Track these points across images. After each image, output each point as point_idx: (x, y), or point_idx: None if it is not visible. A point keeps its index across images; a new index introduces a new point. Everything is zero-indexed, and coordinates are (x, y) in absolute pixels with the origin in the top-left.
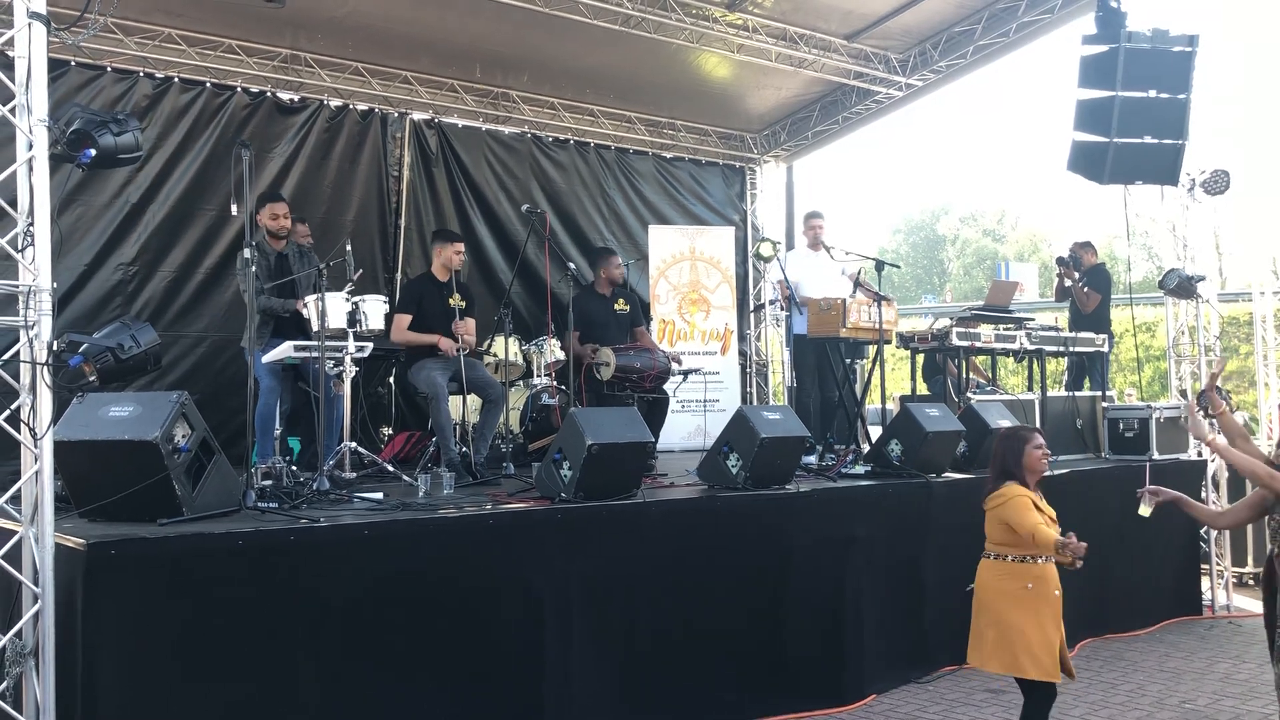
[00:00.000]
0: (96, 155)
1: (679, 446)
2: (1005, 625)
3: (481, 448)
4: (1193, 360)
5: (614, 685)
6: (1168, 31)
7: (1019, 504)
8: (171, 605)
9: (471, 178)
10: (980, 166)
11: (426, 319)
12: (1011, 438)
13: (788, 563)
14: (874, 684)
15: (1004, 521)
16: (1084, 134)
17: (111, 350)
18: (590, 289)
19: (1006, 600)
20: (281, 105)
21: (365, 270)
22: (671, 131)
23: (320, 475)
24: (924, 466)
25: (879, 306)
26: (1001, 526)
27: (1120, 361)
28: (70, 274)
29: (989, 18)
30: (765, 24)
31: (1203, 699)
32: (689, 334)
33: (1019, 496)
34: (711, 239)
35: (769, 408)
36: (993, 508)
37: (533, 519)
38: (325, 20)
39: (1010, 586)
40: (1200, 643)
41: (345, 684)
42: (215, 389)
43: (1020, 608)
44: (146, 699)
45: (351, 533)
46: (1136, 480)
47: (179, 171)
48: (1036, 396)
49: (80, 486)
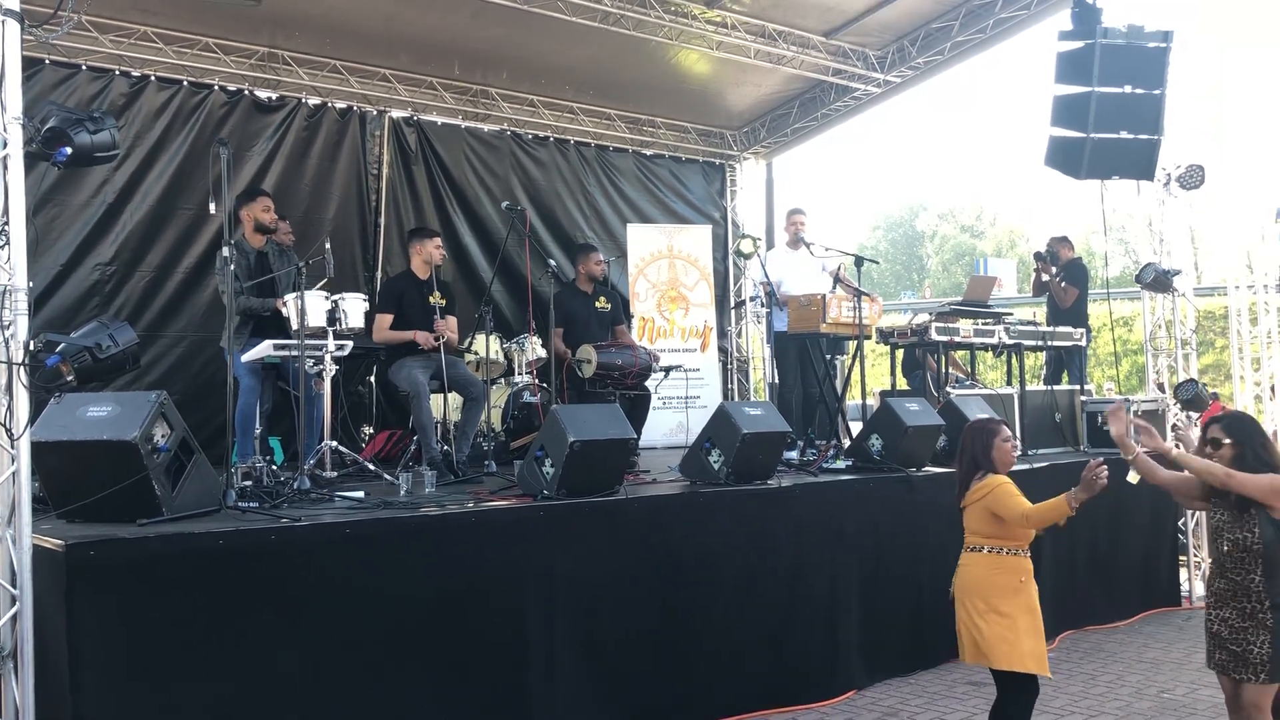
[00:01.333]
0: (72, 153)
1: (661, 443)
2: (1003, 619)
3: (463, 446)
4: (1169, 354)
5: (597, 680)
6: (1143, 27)
7: (1005, 490)
8: (152, 605)
9: (451, 176)
10: (958, 163)
11: (407, 317)
12: (979, 431)
13: (769, 558)
14: (856, 678)
15: (992, 512)
16: (1061, 129)
17: (89, 350)
18: (572, 286)
19: (1001, 594)
20: (259, 104)
21: (345, 268)
22: (651, 128)
23: (301, 474)
24: (904, 461)
25: (859, 302)
26: (987, 517)
27: (1098, 356)
28: (47, 274)
29: (966, 14)
30: (744, 21)
31: (1180, 689)
32: (669, 331)
33: (1004, 484)
34: (689, 237)
35: (750, 404)
36: (976, 500)
37: (515, 516)
38: (303, 18)
39: (1004, 580)
40: (1178, 633)
41: (327, 683)
42: (195, 389)
43: (1015, 601)
44: (128, 700)
45: (333, 532)
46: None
47: (156, 170)
48: (1015, 391)
49: (58, 487)
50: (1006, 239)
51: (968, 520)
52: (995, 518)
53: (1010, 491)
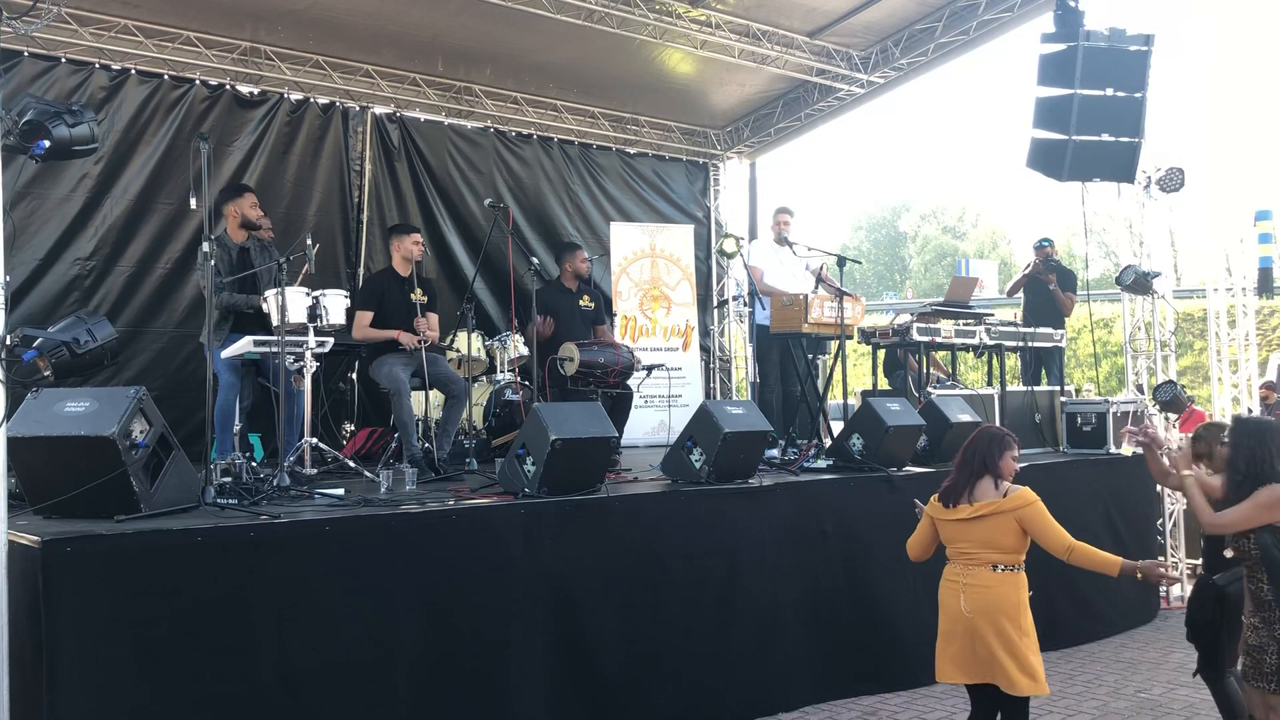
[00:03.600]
0: (50, 147)
1: (643, 442)
2: (1033, 642)
3: (444, 443)
4: (1148, 355)
5: (579, 680)
6: (1125, 31)
7: (1043, 511)
8: (130, 603)
9: (434, 172)
10: (941, 164)
11: (388, 315)
12: (995, 439)
13: (750, 556)
14: (836, 678)
15: (1030, 528)
16: (1043, 131)
17: (67, 345)
18: (557, 283)
19: (1026, 614)
20: (241, 98)
21: (327, 265)
22: (635, 127)
23: (281, 471)
24: (885, 460)
25: (841, 302)
26: (1017, 533)
27: (1079, 357)
28: (25, 268)
29: (950, 15)
30: (728, 20)
31: (1157, 688)
32: (650, 330)
33: (1038, 502)
34: (671, 236)
35: (732, 402)
36: (997, 513)
37: (496, 514)
38: (285, 12)
39: (1024, 598)
40: (1155, 633)
41: (307, 681)
42: (175, 385)
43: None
44: (105, 697)
45: (312, 529)
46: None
47: (137, 165)
48: (996, 391)
49: (35, 483)
50: (988, 240)
51: (986, 534)
52: (1024, 534)
53: (1048, 513)
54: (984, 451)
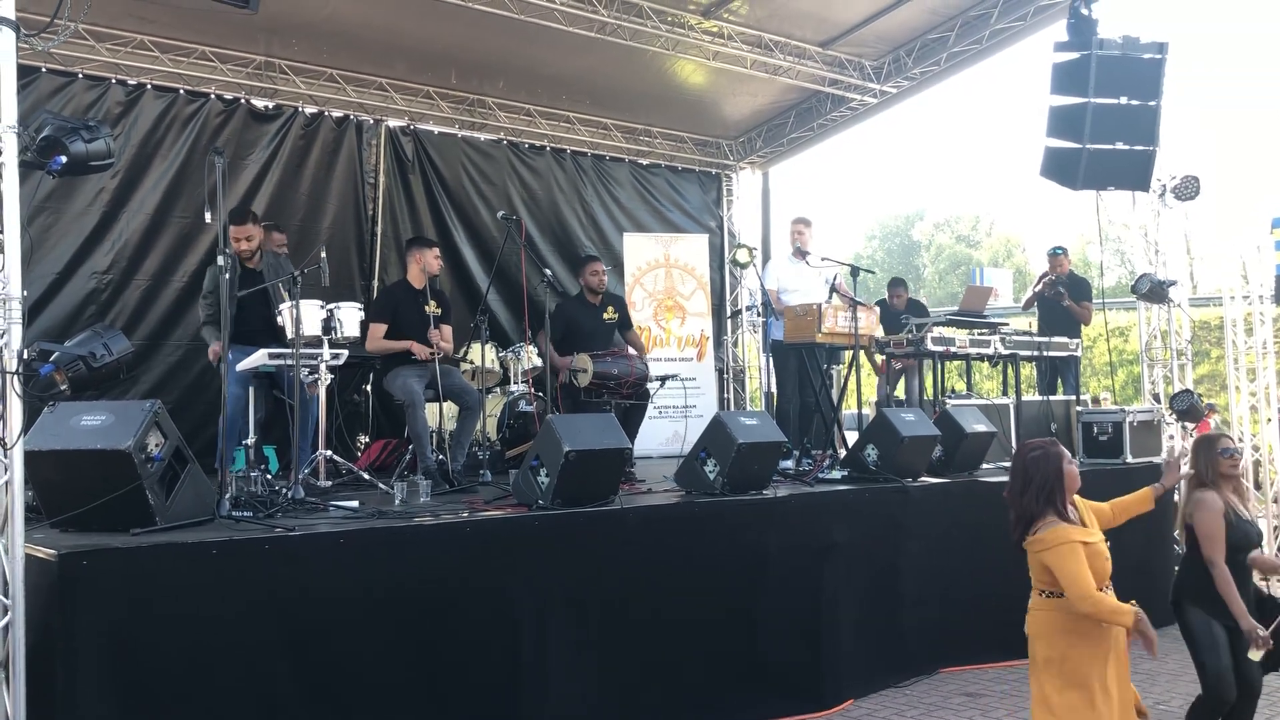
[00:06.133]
0: (67, 162)
1: (657, 452)
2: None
3: (458, 455)
4: (1165, 364)
5: (592, 692)
6: (1138, 39)
7: (1065, 552)
8: (144, 616)
9: (448, 185)
10: (955, 172)
11: (402, 327)
12: (1045, 457)
13: (765, 568)
14: (852, 688)
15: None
16: (1057, 140)
17: (83, 359)
18: (579, 298)
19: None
20: (256, 112)
21: (342, 278)
22: (648, 138)
23: (295, 484)
24: (900, 471)
25: (855, 312)
26: (1042, 567)
27: (1094, 366)
28: (42, 282)
29: (962, 25)
30: (740, 31)
31: (1177, 700)
32: (665, 340)
33: (1066, 544)
34: (686, 246)
35: (746, 413)
36: (1034, 552)
37: (510, 526)
38: (300, 26)
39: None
40: (1175, 643)
41: (322, 693)
42: (189, 398)
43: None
44: (121, 710)
45: (326, 541)
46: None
47: (152, 179)
48: (1011, 401)
49: (52, 496)
50: (1003, 249)
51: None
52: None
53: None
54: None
